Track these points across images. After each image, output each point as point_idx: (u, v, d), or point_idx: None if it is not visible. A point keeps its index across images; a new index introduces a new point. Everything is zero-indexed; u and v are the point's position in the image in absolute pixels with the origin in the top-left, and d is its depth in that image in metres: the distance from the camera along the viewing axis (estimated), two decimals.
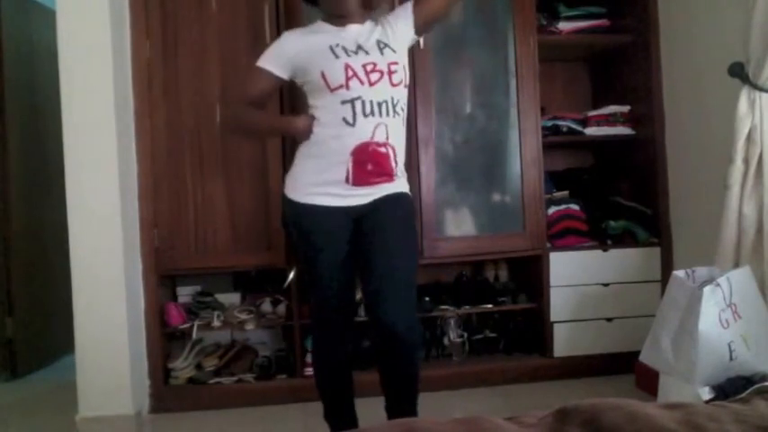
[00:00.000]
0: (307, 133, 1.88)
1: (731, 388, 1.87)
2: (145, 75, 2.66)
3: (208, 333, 2.89)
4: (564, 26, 2.98)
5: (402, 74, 1.88)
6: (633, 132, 3.02)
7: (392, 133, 1.84)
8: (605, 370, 2.83)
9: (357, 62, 1.83)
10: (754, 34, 2.10)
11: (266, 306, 2.85)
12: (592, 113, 3.03)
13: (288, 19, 2.67)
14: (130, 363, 2.50)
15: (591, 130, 3.00)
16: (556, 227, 2.88)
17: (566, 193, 3.05)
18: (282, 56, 1.94)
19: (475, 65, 2.89)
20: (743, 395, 1.21)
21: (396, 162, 1.87)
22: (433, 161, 2.77)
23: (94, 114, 2.45)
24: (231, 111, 2.23)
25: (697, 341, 1.92)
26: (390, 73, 1.84)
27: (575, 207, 2.93)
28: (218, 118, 2.70)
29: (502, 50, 2.85)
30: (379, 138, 1.81)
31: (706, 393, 1.91)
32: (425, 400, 2.04)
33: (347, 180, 1.82)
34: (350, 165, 1.80)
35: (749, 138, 2.17)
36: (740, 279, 2.04)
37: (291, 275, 2.67)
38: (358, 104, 1.80)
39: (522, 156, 2.83)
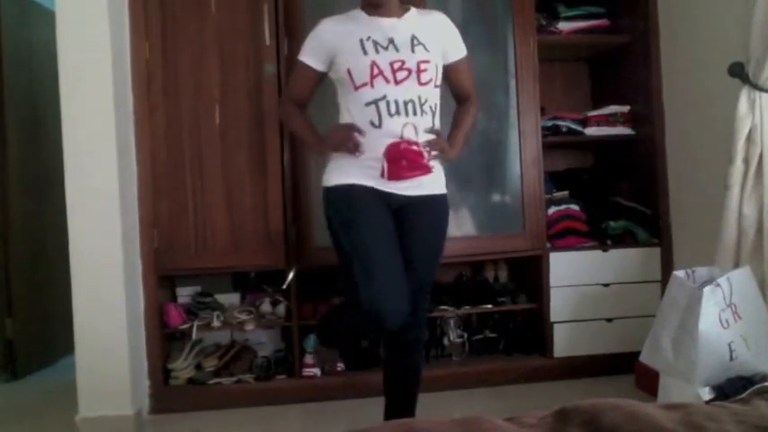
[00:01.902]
0: (347, 145, 1.83)
1: (731, 388, 1.86)
2: (144, 75, 2.66)
3: (207, 333, 2.89)
4: (564, 26, 2.98)
5: (432, 72, 1.86)
6: (633, 132, 3.02)
7: (422, 132, 1.84)
8: (605, 370, 2.83)
9: (385, 59, 1.81)
10: (754, 34, 2.10)
11: (266, 306, 2.85)
12: (592, 113, 3.03)
13: (287, 19, 2.68)
14: (130, 363, 2.50)
15: (591, 131, 3.00)
16: (556, 227, 2.88)
17: (566, 193, 3.05)
18: (318, 47, 1.91)
19: (474, 65, 2.88)
20: (743, 395, 1.20)
21: (430, 156, 1.87)
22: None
23: (94, 115, 2.45)
24: (280, 110, 2.26)
25: (697, 341, 1.92)
26: (419, 72, 1.83)
27: (575, 207, 2.93)
28: (218, 119, 2.70)
29: (501, 50, 2.85)
30: (409, 136, 1.81)
31: (706, 393, 1.91)
32: (425, 400, 2.04)
33: (382, 175, 1.82)
34: (384, 164, 1.81)
35: (749, 138, 2.17)
36: (740, 279, 2.03)
37: (291, 276, 2.67)
38: (382, 105, 1.80)
39: (522, 156, 2.83)
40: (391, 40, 1.83)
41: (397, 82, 1.80)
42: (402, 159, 1.80)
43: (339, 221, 1.86)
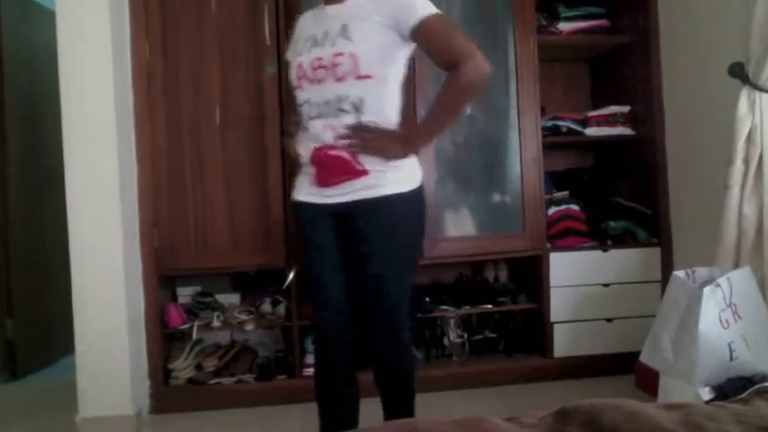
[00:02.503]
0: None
1: (731, 388, 1.86)
2: (144, 75, 2.66)
3: (208, 333, 2.89)
4: (564, 26, 2.98)
5: (349, 64, 1.62)
6: (633, 133, 3.02)
7: (342, 134, 1.66)
8: (605, 370, 2.83)
9: (309, 58, 1.69)
10: (754, 34, 2.10)
11: (266, 306, 2.86)
12: (592, 114, 3.03)
13: (287, 19, 2.68)
14: (130, 363, 2.50)
15: (591, 131, 3.00)
16: (556, 227, 2.88)
17: (566, 193, 3.05)
18: (293, 44, 1.84)
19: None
20: (743, 395, 1.20)
21: (357, 159, 1.67)
22: (433, 161, 2.76)
23: (94, 115, 2.45)
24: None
25: (697, 341, 1.92)
26: (334, 67, 1.64)
27: (575, 207, 2.93)
28: (218, 119, 2.70)
29: (502, 51, 2.85)
30: (327, 140, 1.68)
31: (706, 393, 1.91)
32: (426, 400, 2.03)
33: (313, 183, 1.75)
34: (312, 170, 1.74)
35: (749, 138, 2.17)
36: (740, 279, 2.03)
37: (291, 276, 2.67)
38: (306, 108, 1.71)
39: (522, 156, 2.83)
40: (325, 34, 1.68)
41: (317, 82, 1.67)
42: (324, 165, 1.70)
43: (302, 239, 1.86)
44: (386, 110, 1.70)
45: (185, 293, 2.96)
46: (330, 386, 1.87)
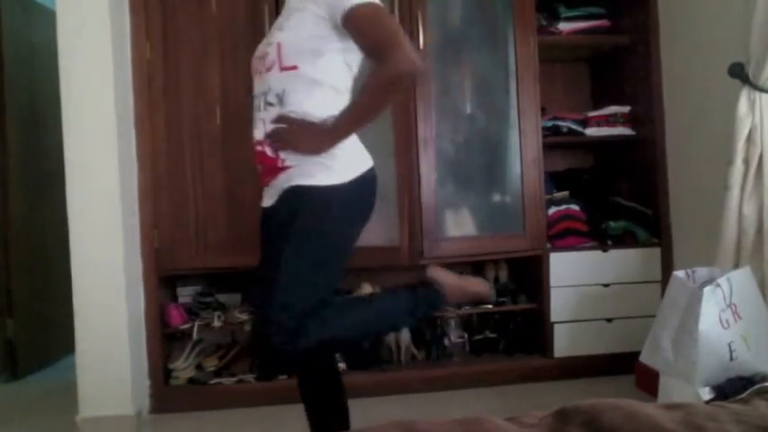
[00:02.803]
0: None
1: (731, 388, 1.87)
2: (145, 75, 2.67)
3: (208, 333, 2.89)
4: (564, 27, 2.98)
5: (273, 55, 1.55)
6: (633, 133, 3.02)
7: (270, 126, 1.58)
8: (605, 370, 2.83)
9: (258, 51, 1.66)
10: (754, 34, 2.10)
11: None
12: (592, 114, 3.03)
13: None
14: (131, 363, 2.50)
15: (591, 131, 3.00)
16: (556, 227, 2.89)
17: (566, 193, 3.05)
18: None
19: (475, 65, 2.90)
20: (743, 395, 1.21)
21: (280, 156, 1.57)
22: (434, 161, 2.76)
23: (94, 115, 2.45)
24: None
25: (697, 341, 1.93)
26: (264, 56, 1.60)
27: (575, 207, 2.93)
28: (219, 119, 2.70)
29: (502, 51, 2.86)
30: (259, 136, 1.61)
31: (706, 393, 1.91)
32: (425, 400, 2.04)
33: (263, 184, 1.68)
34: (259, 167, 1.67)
35: (749, 138, 2.17)
36: (740, 279, 2.04)
37: None
38: (254, 101, 1.65)
39: (523, 156, 2.83)
40: (278, 25, 1.65)
41: (255, 74, 1.64)
42: (259, 163, 1.64)
43: None
44: (310, 105, 1.56)
45: (186, 293, 2.96)
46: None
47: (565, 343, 2.86)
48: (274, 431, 2.47)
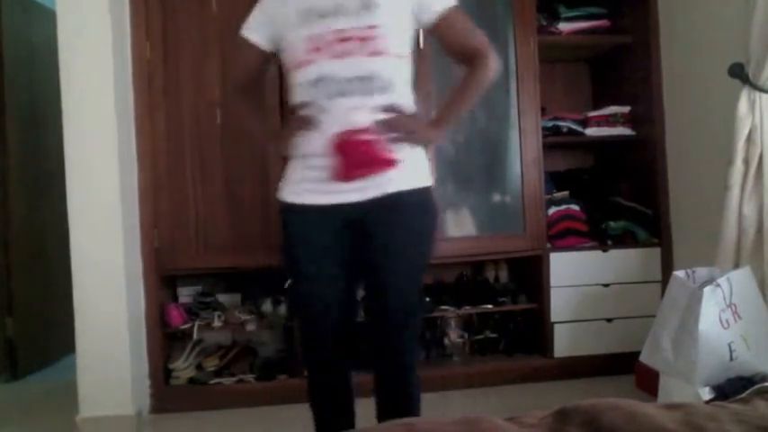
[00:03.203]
0: (300, 129, 1.54)
1: (731, 388, 1.87)
2: (145, 75, 2.67)
3: (208, 333, 2.89)
4: (564, 27, 2.98)
5: (386, 40, 1.49)
6: (633, 133, 3.02)
7: (376, 115, 1.49)
8: (605, 370, 2.83)
9: (324, 29, 1.48)
10: (755, 34, 2.10)
11: (267, 306, 2.85)
12: (592, 114, 3.03)
13: None
14: (131, 363, 2.50)
15: (591, 131, 3.00)
16: (556, 227, 2.88)
17: (566, 193, 3.05)
18: (261, 17, 1.62)
19: None
20: (743, 395, 1.21)
21: (390, 145, 1.50)
22: (434, 161, 2.76)
23: (95, 115, 2.45)
24: (229, 101, 1.82)
25: (697, 341, 1.93)
26: (366, 40, 1.47)
27: (575, 207, 2.93)
28: (219, 119, 2.70)
29: (502, 51, 2.85)
30: (360, 122, 1.46)
31: (706, 394, 1.91)
32: (426, 400, 2.03)
33: (332, 176, 1.49)
34: (329, 160, 1.48)
35: (749, 138, 2.17)
36: (740, 279, 2.04)
37: None
38: (322, 85, 1.48)
39: (523, 156, 2.83)
40: (339, 6, 1.49)
41: (340, 56, 1.47)
42: (351, 154, 1.45)
43: (282, 242, 1.63)
44: (409, 94, 1.58)
45: (186, 293, 2.96)
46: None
47: (565, 343, 2.86)
48: (274, 431, 2.47)
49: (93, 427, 2.43)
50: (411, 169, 1.54)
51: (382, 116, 1.49)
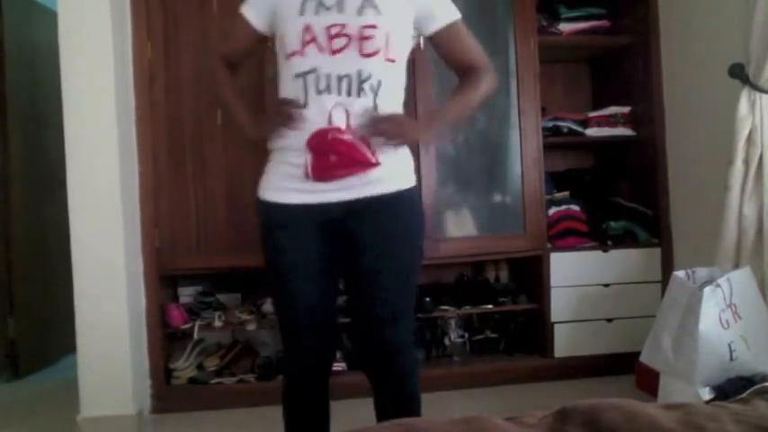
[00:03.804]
0: (282, 121, 1.50)
1: (731, 388, 1.87)
2: (146, 75, 2.67)
3: (209, 333, 2.89)
4: (564, 27, 2.98)
5: (381, 41, 1.46)
6: (634, 133, 3.02)
7: (357, 116, 1.45)
8: (606, 370, 2.83)
9: (322, 22, 1.45)
10: (755, 35, 2.10)
11: (267, 306, 2.86)
12: (592, 114, 3.03)
13: None
14: (132, 363, 2.50)
15: (591, 131, 3.00)
16: (556, 227, 2.89)
17: (566, 193, 3.06)
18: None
19: None
20: (743, 395, 1.21)
21: (370, 148, 1.47)
22: (434, 162, 2.77)
23: (96, 115, 2.45)
24: (211, 66, 1.73)
25: (697, 341, 1.93)
26: (362, 39, 1.44)
27: (575, 208, 2.93)
28: (219, 119, 2.70)
29: (502, 51, 2.86)
30: (338, 121, 1.44)
31: (706, 394, 1.91)
32: (426, 400, 2.03)
33: (306, 175, 1.46)
34: (307, 156, 1.45)
35: (749, 139, 2.17)
36: (740, 280, 2.04)
37: None
38: (311, 79, 1.45)
39: (523, 156, 2.84)
40: (341, 0, 1.47)
41: (332, 51, 1.44)
42: (330, 152, 1.43)
43: (265, 255, 1.58)
44: (398, 99, 1.57)
45: (187, 293, 2.97)
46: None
47: (565, 343, 2.87)
48: (274, 431, 2.47)
49: (93, 426, 2.43)
50: (395, 170, 1.53)
51: (367, 116, 1.46)
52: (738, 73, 2.18)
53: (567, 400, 1.07)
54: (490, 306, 2.91)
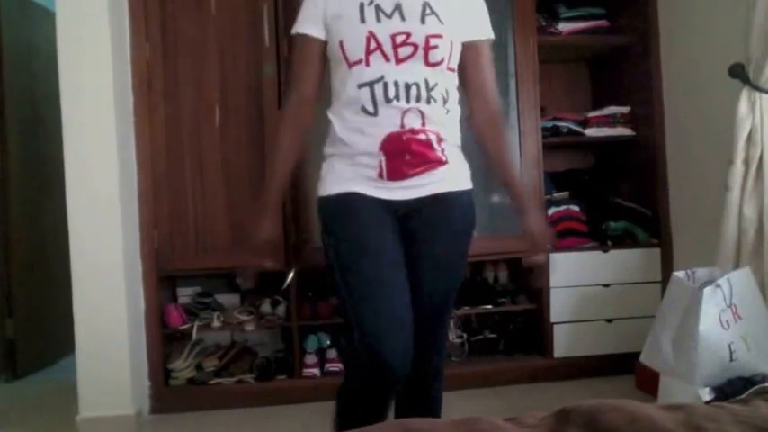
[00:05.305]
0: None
1: (731, 389, 1.87)
2: (144, 76, 2.67)
3: (208, 334, 2.89)
4: (564, 27, 2.98)
5: (445, 51, 1.48)
6: (633, 133, 3.02)
7: (430, 120, 1.47)
8: (605, 371, 2.83)
9: (386, 30, 1.44)
10: (755, 35, 2.10)
11: (266, 307, 2.86)
12: (592, 114, 3.03)
13: (287, 20, 2.67)
14: (130, 363, 2.50)
15: (591, 132, 3.00)
16: (556, 228, 2.88)
17: (566, 193, 3.06)
18: (314, 9, 1.52)
19: None
20: (743, 396, 1.21)
21: (442, 147, 1.50)
22: None
23: (94, 116, 2.45)
24: (287, 116, 1.63)
25: (697, 342, 1.92)
26: (428, 48, 1.45)
27: (575, 208, 2.93)
28: (218, 120, 2.70)
29: (502, 51, 2.85)
30: (413, 124, 1.46)
31: (706, 394, 1.91)
32: None
33: (381, 176, 1.46)
34: (382, 159, 1.46)
35: (749, 139, 2.17)
36: (740, 280, 2.04)
37: (290, 276, 2.67)
38: (378, 88, 1.45)
39: (523, 157, 2.83)
40: (398, 6, 1.46)
41: (398, 60, 1.45)
42: (405, 152, 1.46)
43: (335, 239, 1.51)
44: (457, 106, 1.58)
45: (185, 294, 2.97)
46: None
47: (565, 343, 2.86)
48: (274, 431, 2.47)
49: (92, 427, 2.43)
50: (458, 171, 1.57)
51: (436, 122, 1.49)
52: (738, 73, 2.18)
53: (567, 401, 1.07)
54: (489, 306, 2.91)
